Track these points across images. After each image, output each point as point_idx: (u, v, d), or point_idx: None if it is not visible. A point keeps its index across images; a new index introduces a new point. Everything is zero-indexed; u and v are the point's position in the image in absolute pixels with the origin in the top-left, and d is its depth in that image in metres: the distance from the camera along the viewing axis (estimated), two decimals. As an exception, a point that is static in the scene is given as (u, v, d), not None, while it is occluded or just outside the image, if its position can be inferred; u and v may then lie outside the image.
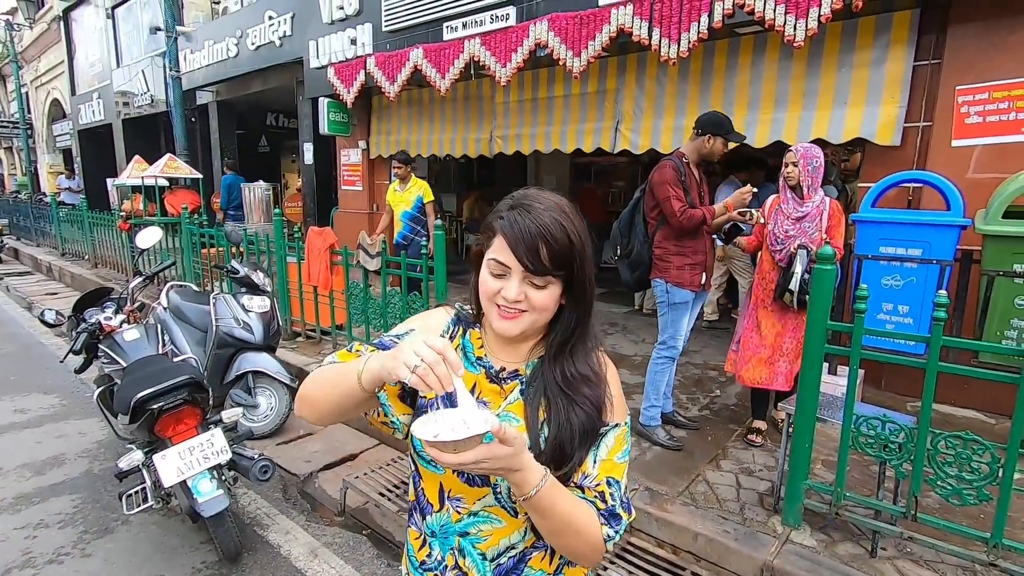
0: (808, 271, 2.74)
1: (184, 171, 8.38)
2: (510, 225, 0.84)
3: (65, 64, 14.65)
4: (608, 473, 0.89)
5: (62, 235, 10.22)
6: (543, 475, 0.79)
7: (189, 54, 9.62)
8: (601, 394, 0.90)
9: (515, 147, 5.99)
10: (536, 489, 0.78)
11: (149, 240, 3.55)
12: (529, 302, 0.85)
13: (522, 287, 0.84)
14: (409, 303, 3.90)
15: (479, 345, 0.96)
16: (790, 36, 3.48)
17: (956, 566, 2.12)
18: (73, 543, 2.60)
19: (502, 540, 0.92)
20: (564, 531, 0.84)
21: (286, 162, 13.59)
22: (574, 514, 0.83)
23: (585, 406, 0.88)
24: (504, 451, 0.73)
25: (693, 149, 3.03)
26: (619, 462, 0.90)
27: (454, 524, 0.93)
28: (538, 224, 0.82)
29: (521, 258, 0.82)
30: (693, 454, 3.00)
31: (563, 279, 0.85)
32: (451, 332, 0.98)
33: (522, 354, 0.95)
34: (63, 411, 4.08)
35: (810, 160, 2.80)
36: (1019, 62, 3.26)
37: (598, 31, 4.27)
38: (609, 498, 0.87)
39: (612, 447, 0.90)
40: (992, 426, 3.26)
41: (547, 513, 0.81)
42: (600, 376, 0.91)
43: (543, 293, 0.85)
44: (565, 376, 0.89)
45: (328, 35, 6.91)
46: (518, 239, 0.82)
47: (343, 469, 3.29)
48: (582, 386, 0.89)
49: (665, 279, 3.01)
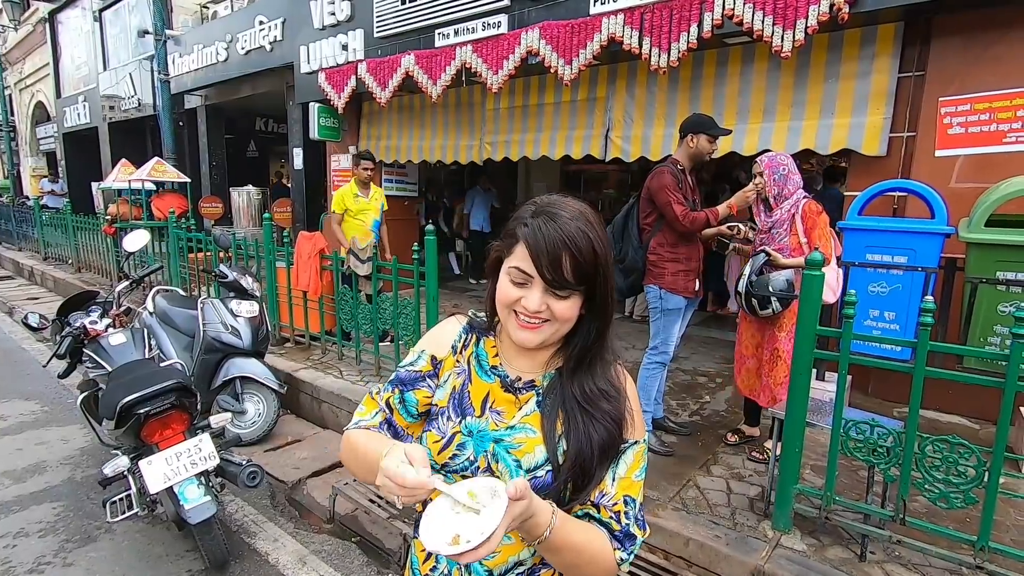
0: (757, 274, 2.76)
1: (171, 175, 8.29)
2: (533, 233, 0.80)
3: (50, 67, 14.46)
4: (626, 491, 0.87)
5: (45, 239, 10.07)
6: (552, 513, 0.76)
7: (178, 58, 9.55)
8: (621, 410, 0.87)
9: (504, 153, 6.00)
10: (549, 529, 0.75)
11: (137, 243, 3.51)
12: (551, 312, 0.82)
13: (544, 298, 0.82)
14: (400, 308, 3.89)
15: (493, 354, 0.95)
16: (777, 47, 3.54)
17: (944, 569, 2.14)
18: (54, 552, 2.54)
19: (511, 557, 0.90)
20: (578, 563, 0.82)
21: (275, 167, 13.51)
22: (587, 544, 0.82)
23: (605, 422, 0.85)
24: (521, 507, 0.70)
25: (683, 154, 3.07)
26: (636, 480, 0.89)
27: None
28: (563, 234, 0.79)
29: (543, 270, 0.80)
30: (684, 460, 3.00)
31: (586, 291, 0.83)
32: (463, 342, 0.97)
33: (539, 364, 0.93)
34: (44, 417, 4.00)
35: (775, 169, 2.78)
36: (999, 74, 3.34)
37: (589, 39, 4.31)
38: (624, 517, 0.86)
39: (631, 465, 0.88)
40: (976, 431, 3.31)
41: (561, 550, 0.79)
42: (620, 391, 0.89)
43: (565, 304, 0.82)
44: (584, 391, 0.87)
45: (319, 40, 6.90)
46: (541, 250, 0.79)
47: (332, 475, 3.25)
48: (602, 401, 0.86)
49: (659, 285, 3.02)
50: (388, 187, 7.54)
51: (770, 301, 2.72)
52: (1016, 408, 2.78)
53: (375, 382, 4.02)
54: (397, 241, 7.17)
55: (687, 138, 3.02)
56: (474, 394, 0.92)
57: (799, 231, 2.76)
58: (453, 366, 0.95)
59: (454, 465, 0.90)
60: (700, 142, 3.00)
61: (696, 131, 2.99)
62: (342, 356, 4.49)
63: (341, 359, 4.47)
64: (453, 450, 0.91)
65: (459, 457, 0.90)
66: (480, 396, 0.92)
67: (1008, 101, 3.32)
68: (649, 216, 3.05)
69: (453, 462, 0.90)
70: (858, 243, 3.36)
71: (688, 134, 3.01)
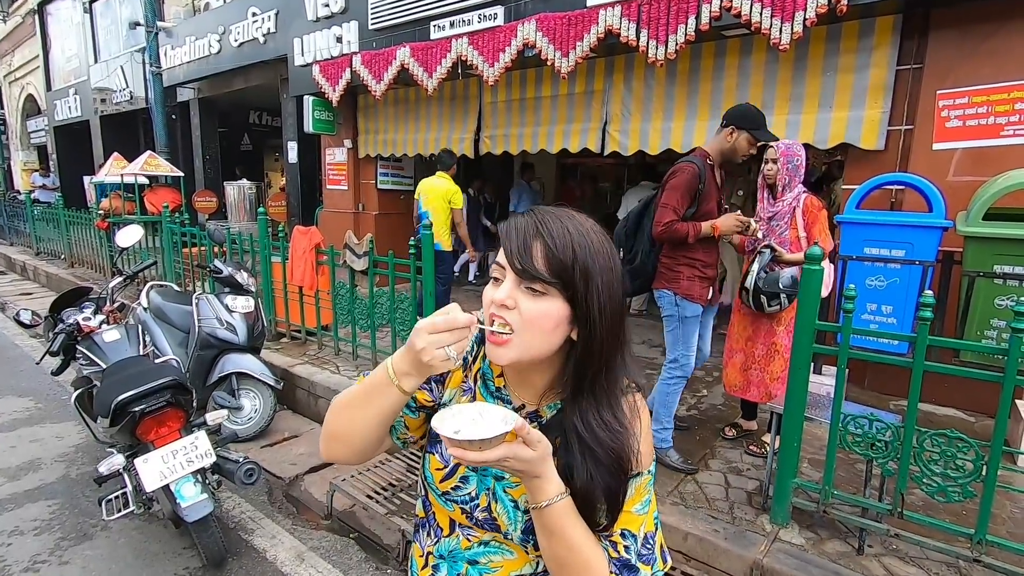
0: (766, 271, 2.73)
1: (164, 169, 8.22)
2: (509, 224, 0.77)
3: (40, 59, 14.29)
4: (622, 525, 0.80)
5: (37, 234, 9.97)
6: (561, 492, 0.74)
7: (170, 50, 9.44)
8: (626, 448, 0.79)
9: (503, 147, 5.97)
10: (550, 502, 0.73)
11: (130, 239, 3.47)
12: (518, 311, 0.74)
13: (514, 292, 0.74)
14: (397, 303, 3.87)
15: (498, 373, 0.88)
16: (776, 39, 3.52)
17: (941, 562, 2.15)
18: (50, 550, 2.53)
19: (512, 572, 0.86)
20: (566, 561, 0.76)
21: (269, 160, 13.43)
22: (583, 546, 0.76)
23: (606, 460, 0.78)
24: (528, 454, 0.69)
25: (716, 147, 2.73)
26: (637, 514, 0.81)
27: (463, 551, 0.88)
28: (537, 221, 0.75)
29: (513, 258, 0.74)
30: (682, 454, 3.00)
31: (565, 294, 0.74)
32: (474, 353, 0.91)
33: (535, 393, 0.85)
34: (38, 414, 3.97)
35: (791, 158, 2.76)
36: (996, 67, 3.33)
37: (586, 32, 4.28)
38: (623, 550, 0.80)
39: (631, 498, 0.81)
40: (972, 424, 3.33)
41: (556, 534, 0.75)
42: (626, 428, 0.80)
43: (537, 305, 0.74)
44: (586, 422, 0.78)
45: (313, 32, 6.83)
46: (512, 236, 0.75)
47: (329, 472, 3.24)
48: (605, 437, 0.78)
49: (674, 291, 2.74)
50: (384, 181, 7.51)
51: (778, 297, 2.70)
52: (1013, 401, 2.79)
53: (372, 377, 4.00)
54: (393, 237, 7.17)
55: (727, 130, 2.66)
56: None
57: (799, 225, 2.75)
58: (460, 382, 0.91)
59: (456, 496, 0.87)
60: (740, 140, 2.66)
61: (740, 126, 2.63)
62: (339, 351, 4.47)
63: (338, 354, 4.45)
64: (456, 482, 0.88)
65: (461, 490, 0.87)
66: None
67: (1006, 94, 3.32)
68: None
69: (455, 493, 0.87)
70: (856, 237, 3.36)
71: (730, 126, 2.65)
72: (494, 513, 0.84)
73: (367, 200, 7.56)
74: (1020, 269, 2.85)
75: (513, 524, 0.83)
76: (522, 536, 0.83)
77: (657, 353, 4.71)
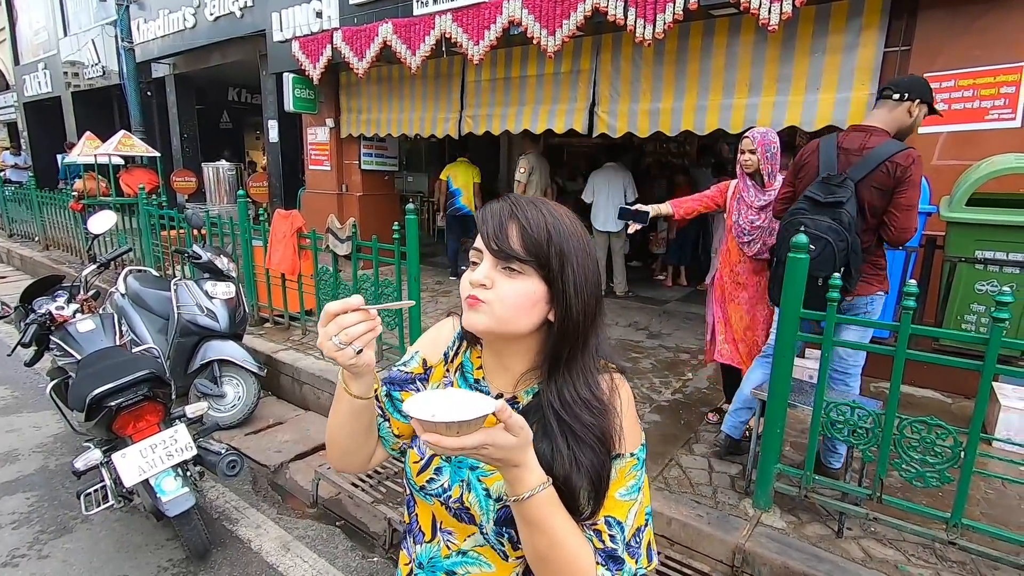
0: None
1: (140, 149, 7.97)
2: (487, 209, 0.79)
3: (7, 31, 13.73)
4: (607, 512, 0.77)
5: (9, 215, 9.68)
6: (543, 482, 0.71)
7: (143, 23, 9.11)
8: (607, 425, 0.78)
9: (486, 127, 5.87)
10: (531, 492, 0.70)
11: (103, 225, 3.37)
12: (495, 291, 0.76)
13: (492, 272, 0.76)
14: (381, 288, 3.82)
15: (478, 366, 0.89)
16: (765, 19, 3.47)
17: (917, 544, 2.20)
18: (29, 544, 2.49)
19: None
20: (550, 556, 0.73)
21: (250, 139, 13.13)
22: (565, 539, 0.73)
23: (590, 440, 0.76)
24: (508, 440, 0.66)
25: (893, 123, 2.30)
26: (621, 499, 0.78)
27: (443, 560, 0.88)
28: (512, 204, 0.77)
29: (489, 240, 0.76)
30: (667, 439, 3.03)
31: (541, 273, 0.75)
32: (455, 349, 0.92)
33: (512, 378, 0.85)
34: (15, 404, 3.89)
35: (768, 146, 2.74)
36: (984, 48, 3.31)
37: (573, 10, 4.18)
38: (608, 540, 0.77)
39: (614, 481, 0.78)
40: (949, 406, 3.39)
41: (538, 527, 0.72)
42: (605, 404, 0.79)
43: (512, 285, 0.75)
44: (563, 399, 0.78)
45: (292, 7, 6.61)
46: (488, 219, 0.77)
47: (315, 459, 3.23)
48: (583, 412, 0.77)
49: (884, 291, 2.41)
50: (368, 161, 7.37)
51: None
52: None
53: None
54: (378, 218, 7.06)
55: (909, 104, 2.26)
56: None
57: None
58: (442, 376, 0.92)
59: (431, 489, 0.87)
60: (920, 115, 2.29)
61: (925, 98, 2.27)
62: (323, 337, 4.41)
63: (322, 340, 4.40)
64: (431, 474, 0.87)
65: (435, 482, 0.87)
66: None
67: (992, 78, 3.31)
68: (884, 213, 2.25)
69: (430, 486, 0.87)
70: (841, 221, 3.35)
71: (916, 98, 2.26)
72: (467, 503, 0.83)
73: (351, 181, 7.43)
74: (1001, 255, 2.87)
75: (486, 514, 0.82)
76: (495, 529, 0.81)
77: (643, 336, 4.73)
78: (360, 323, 0.73)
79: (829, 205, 2.24)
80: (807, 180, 2.40)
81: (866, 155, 2.25)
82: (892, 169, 2.19)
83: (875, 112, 2.37)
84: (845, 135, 2.37)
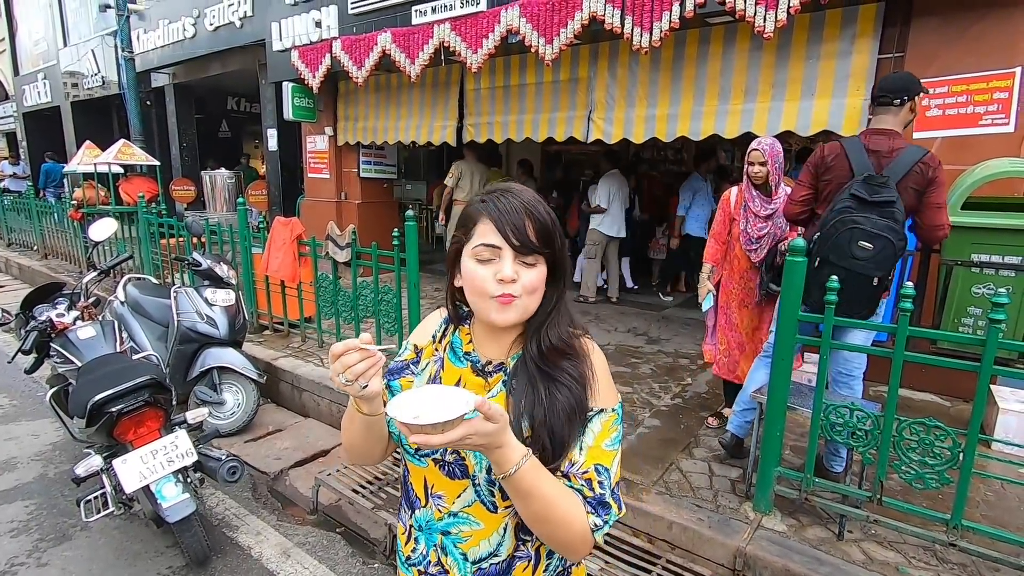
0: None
1: (139, 158, 7.99)
2: (495, 207, 0.85)
3: (6, 42, 13.79)
4: (596, 460, 0.86)
5: (7, 224, 9.68)
6: (524, 454, 0.78)
7: (142, 34, 9.17)
8: (583, 368, 0.89)
9: (488, 135, 5.91)
10: (516, 467, 0.77)
11: (103, 232, 3.38)
12: (520, 283, 0.84)
13: (515, 266, 0.84)
14: (381, 295, 3.83)
15: (467, 340, 0.98)
16: (760, 27, 3.50)
17: (918, 546, 2.20)
18: (28, 552, 2.48)
19: (482, 542, 0.92)
20: (547, 517, 0.82)
21: (249, 148, 13.16)
22: (557, 499, 0.81)
23: (565, 380, 0.87)
24: (489, 427, 0.73)
25: (900, 124, 2.40)
26: (607, 449, 0.88)
27: (437, 522, 0.95)
28: (522, 201, 0.85)
29: (509, 236, 0.83)
30: (667, 443, 3.03)
31: (549, 258, 0.87)
32: (442, 331, 1.01)
33: (506, 346, 0.94)
34: (13, 412, 3.88)
35: (776, 157, 2.80)
36: (977, 55, 3.35)
37: (570, 18, 4.22)
38: (597, 486, 0.85)
39: (599, 433, 0.88)
40: (948, 409, 3.40)
41: (529, 495, 0.80)
42: (578, 350, 0.91)
43: (532, 273, 0.85)
44: (541, 350, 0.89)
45: (291, 16, 6.66)
46: (506, 219, 0.84)
47: (315, 466, 3.22)
48: (561, 359, 0.88)
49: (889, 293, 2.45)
50: (367, 169, 7.40)
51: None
52: (988, 388, 2.85)
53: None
54: (378, 225, 7.09)
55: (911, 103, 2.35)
56: (446, 380, 0.96)
57: None
58: (432, 355, 1.00)
59: (424, 450, 0.93)
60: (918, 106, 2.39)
61: (918, 89, 2.36)
62: (323, 344, 4.42)
63: (322, 346, 4.41)
64: None
65: None
66: (452, 382, 0.95)
67: (985, 83, 3.35)
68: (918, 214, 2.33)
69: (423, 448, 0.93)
70: (837, 226, 3.38)
71: (919, 94, 2.36)
72: (462, 453, 0.90)
73: (350, 189, 7.45)
74: (997, 257, 2.90)
75: (479, 464, 0.89)
76: (487, 478, 0.88)
77: (642, 342, 4.74)
78: (362, 361, 0.79)
79: (877, 204, 2.24)
80: (836, 182, 2.40)
81: (897, 157, 2.31)
82: (924, 171, 2.27)
83: (884, 117, 2.40)
84: (869, 138, 2.40)
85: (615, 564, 2.28)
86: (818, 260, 2.30)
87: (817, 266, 2.30)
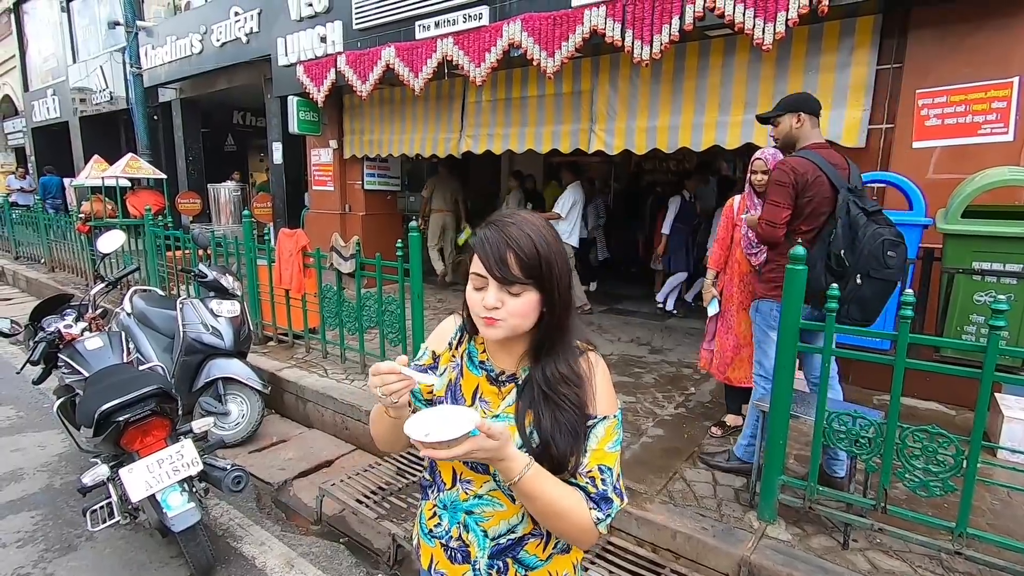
0: None
1: (147, 171, 8.10)
2: (481, 241, 0.94)
3: (17, 59, 14.02)
4: (599, 461, 0.96)
5: (15, 238, 9.78)
6: (527, 464, 0.90)
7: (150, 50, 9.31)
8: (582, 393, 0.97)
9: (487, 146, 5.96)
10: (520, 476, 0.89)
11: (111, 244, 3.42)
12: (505, 308, 0.92)
13: (499, 295, 0.92)
14: (384, 305, 3.85)
15: (482, 350, 1.07)
16: (759, 39, 3.55)
17: (923, 555, 2.19)
18: (33, 562, 2.49)
19: (503, 522, 1.02)
20: (552, 514, 0.93)
21: (254, 161, 13.29)
22: (561, 499, 0.92)
23: (565, 404, 0.95)
24: (491, 444, 0.84)
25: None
26: (609, 451, 0.97)
27: (462, 503, 1.04)
28: (505, 236, 0.92)
29: (492, 269, 0.91)
30: (670, 452, 3.03)
31: (537, 287, 0.93)
32: (458, 339, 1.10)
33: (515, 359, 1.03)
34: (20, 423, 3.90)
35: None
36: (974, 66, 3.38)
37: (571, 32, 4.28)
38: (600, 484, 0.95)
39: (602, 438, 0.97)
40: (952, 417, 3.39)
41: (534, 497, 0.91)
42: (580, 376, 0.98)
43: (519, 301, 0.92)
44: (545, 375, 0.97)
45: (297, 32, 6.76)
46: (488, 253, 0.92)
47: (319, 476, 3.23)
48: (561, 386, 0.96)
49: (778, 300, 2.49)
50: (371, 182, 7.46)
51: None
52: (992, 395, 2.85)
53: (360, 379, 3.98)
54: (381, 237, 7.13)
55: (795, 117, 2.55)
56: (465, 386, 1.05)
57: None
58: (449, 360, 1.09)
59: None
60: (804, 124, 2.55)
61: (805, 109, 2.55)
62: (326, 354, 4.44)
63: (325, 357, 4.43)
64: None
65: None
66: (471, 388, 1.05)
67: (983, 93, 3.37)
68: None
69: None
70: (839, 235, 3.39)
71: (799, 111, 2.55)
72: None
73: (353, 201, 7.51)
74: (998, 265, 2.90)
75: None
76: None
77: (645, 351, 4.74)
78: (397, 382, 0.91)
79: (876, 213, 2.34)
80: (819, 198, 2.42)
81: (850, 168, 2.50)
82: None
83: (816, 131, 2.59)
84: (825, 152, 2.50)
85: (620, 574, 2.27)
86: (859, 276, 2.27)
87: (860, 283, 2.27)
